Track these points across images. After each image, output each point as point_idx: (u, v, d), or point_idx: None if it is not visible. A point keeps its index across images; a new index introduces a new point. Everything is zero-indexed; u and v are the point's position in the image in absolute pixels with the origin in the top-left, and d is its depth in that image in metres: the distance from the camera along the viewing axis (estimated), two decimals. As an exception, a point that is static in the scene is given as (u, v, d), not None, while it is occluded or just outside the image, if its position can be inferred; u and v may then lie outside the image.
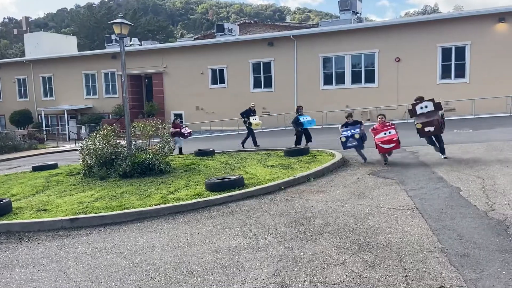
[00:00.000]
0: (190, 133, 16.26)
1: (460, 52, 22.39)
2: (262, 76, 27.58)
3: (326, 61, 25.78)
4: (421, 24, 23.50)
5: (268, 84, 27.50)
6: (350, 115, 10.43)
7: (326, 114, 24.16)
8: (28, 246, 5.80)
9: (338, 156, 10.45)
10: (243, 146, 15.14)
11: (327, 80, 25.87)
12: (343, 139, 9.82)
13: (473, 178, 7.43)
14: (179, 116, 30.56)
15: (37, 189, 9.56)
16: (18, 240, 6.15)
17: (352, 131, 9.80)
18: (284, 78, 26.71)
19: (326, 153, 11.42)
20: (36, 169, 12.86)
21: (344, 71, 25.31)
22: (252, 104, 15.92)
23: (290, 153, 11.42)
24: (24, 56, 38.80)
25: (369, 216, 5.77)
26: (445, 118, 9.86)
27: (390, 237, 4.91)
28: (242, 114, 15.35)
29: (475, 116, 20.25)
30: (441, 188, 6.95)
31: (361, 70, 24.91)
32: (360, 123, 10.15)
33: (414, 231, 5.07)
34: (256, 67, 27.70)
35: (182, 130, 15.81)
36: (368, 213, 5.91)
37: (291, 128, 14.74)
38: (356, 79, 25.12)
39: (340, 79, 25.52)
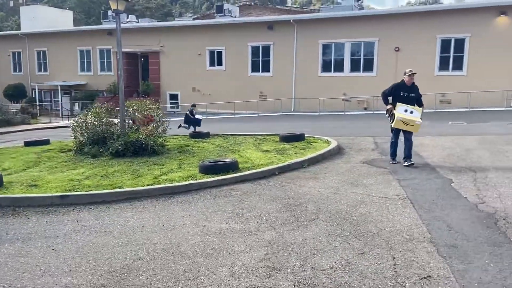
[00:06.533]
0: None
1: (459, 44, 22.32)
2: (261, 60, 27.38)
3: (326, 47, 25.61)
4: (422, 14, 23.34)
5: (266, 68, 27.31)
6: None
7: (324, 101, 24.11)
8: (17, 221, 5.76)
9: (333, 144, 10.43)
10: None
11: (326, 67, 25.75)
12: None
13: (465, 170, 7.46)
14: (175, 96, 30.37)
15: (28, 164, 9.48)
16: (7, 214, 6.10)
17: None
18: (283, 63, 26.53)
19: (322, 140, 11.39)
20: (28, 144, 12.75)
21: (343, 59, 25.19)
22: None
23: (285, 138, 11.38)
24: (20, 30, 38.11)
25: (361, 204, 5.77)
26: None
27: (381, 226, 4.92)
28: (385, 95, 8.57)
29: (471, 109, 20.31)
30: (433, 179, 6.97)
31: (360, 58, 24.79)
32: None
33: (405, 220, 5.09)
34: (255, 50, 27.46)
35: None
36: (360, 201, 5.92)
37: (287, 113, 14.39)
38: (355, 67, 25.01)
39: (339, 67, 25.40)
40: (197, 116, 17.61)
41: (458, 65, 22.48)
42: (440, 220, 5.06)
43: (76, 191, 6.91)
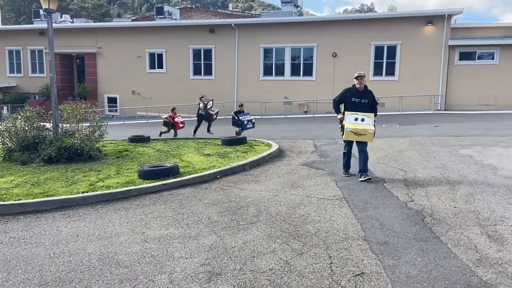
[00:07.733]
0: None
1: (392, 51, 23.64)
2: (203, 63, 27.19)
3: (267, 52, 25.99)
4: (357, 22, 24.45)
5: (208, 71, 27.17)
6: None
7: (265, 105, 24.44)
8: None
9: (275, 147, 10.61)
10: None
11: (267, 71, 26.12)
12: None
13: (396, 171, 7.92)
14: (113, 100, 29.24)
15: None
16: None
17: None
18: (225, 67, 26.54)
19: (263, 143, 11.55)
20: None
21: (284, 63, 25.69)
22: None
23: (227, 142, 11.40)
24: None
25: (300, 206, 5.93)
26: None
27: (319, 226, 5.09)
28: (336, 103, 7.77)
29: (402, 113, 21.59)
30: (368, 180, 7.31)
31: (300, 63, 25.43)
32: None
33: (341, 220, 5.30)
34: (196, 53, 27.23)
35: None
36: (299, 203, 6.07)
37: (230, 117, 14.59)
38: (295, 71, 25.60)
39: (280, 71, 25.87)
40: (241, 118, 13.58)
41: (390, 71, 23.80)
42: (373, 218, 5.32)
43: (3, 201, 6.46)
